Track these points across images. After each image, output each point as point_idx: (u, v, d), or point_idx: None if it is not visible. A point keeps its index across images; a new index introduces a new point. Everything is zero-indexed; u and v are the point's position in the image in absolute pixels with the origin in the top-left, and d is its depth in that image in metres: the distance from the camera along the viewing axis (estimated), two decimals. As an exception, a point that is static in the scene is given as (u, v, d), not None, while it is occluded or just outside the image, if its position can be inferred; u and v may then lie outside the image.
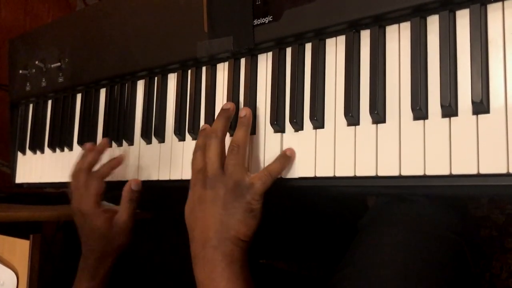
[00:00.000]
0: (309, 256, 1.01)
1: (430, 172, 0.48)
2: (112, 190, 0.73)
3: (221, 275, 0.53)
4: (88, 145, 0.75)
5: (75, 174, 0.72)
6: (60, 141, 0.89)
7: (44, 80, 0.91)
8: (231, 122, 0.62)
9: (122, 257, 0.72)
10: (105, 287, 0.70)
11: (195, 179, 0.58)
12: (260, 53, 0.63)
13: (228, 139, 0.64)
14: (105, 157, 0.75)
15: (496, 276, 0.96)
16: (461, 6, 0.48)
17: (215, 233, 0.54)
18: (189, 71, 0.71)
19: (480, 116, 0.46)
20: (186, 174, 0.69)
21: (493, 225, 0.98)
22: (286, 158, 0.57)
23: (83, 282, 0.69)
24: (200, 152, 0.60)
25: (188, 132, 0.69)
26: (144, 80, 0.77)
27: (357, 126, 0.53)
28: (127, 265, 0.77)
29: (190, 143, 0.69)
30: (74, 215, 0.71)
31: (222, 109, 0.62)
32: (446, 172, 0.47)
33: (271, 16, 0.60)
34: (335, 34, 0.57)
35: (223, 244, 0.54)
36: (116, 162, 0.73)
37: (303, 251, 0.94)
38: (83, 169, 0.71)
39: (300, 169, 0.57)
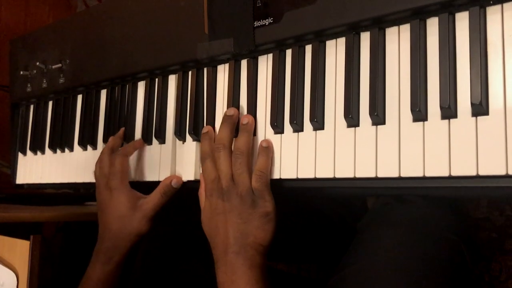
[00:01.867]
0: (309, 257, 1.01)
1: (429, 173, 0.48)
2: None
3: (242, 278, 0.55)
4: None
5: (99, 158, 0.74)
6: (61, 142, 0.89)
7: (45, 81, 0.91)
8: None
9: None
10: (118, 277, 0.70)
11: (211, 190, 0.60)
12: (261, 54, 0.64)
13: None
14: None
15: (495, 278, 0.96)
16: (461, 9, 0.48)
17: (235, 240, 0.57)
18: (190, 73, 0.71)
19: (479, 118, 0.46)
20: (186, 175, 0.69)
21: (492, 227, 0.98)
22: (265, 149, 0.59)
23: (98, 266, 0.69)
24: (209, 160, 0.61)
25: (189, 133, 0.69)
26: (144, 81, 0.77)
27: (357, 128, 0.54)
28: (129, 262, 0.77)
29: (190, 144, 0.70)
30: (100, 194, 0.72)
31: (225, 116, 0.62)
32: (446, 174, 0.47)
33: (272, 18, 0.60)
34: (335, 36, 0.57)
35: (244, 250, 0.56)
36: (139, 142, 0.75)
37: (303, 252, 0.94)
38: (105, 152, 0.73)
39: (300, 170, 0.57)
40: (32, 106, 0.98)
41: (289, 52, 0.61)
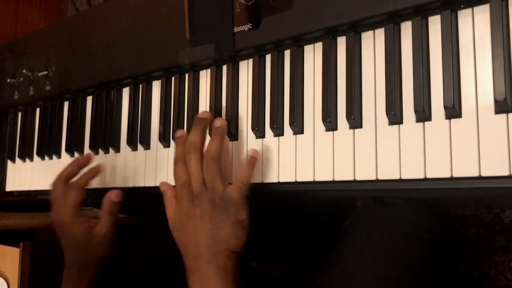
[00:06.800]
0: (300, 258, 1.02)
1: (405, 176, 0.48)
2: (99, 197, 0.74)
3: (215, 287, 0.54)
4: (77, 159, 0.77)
5: (54, 184, 0.73)
6: (49, 149, 0.89)
7: (32, 88, 0.91)
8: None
9: (110, 260, 0.73)
10: None
11: (181, 193, 0.59)
12: (241, 60, 0.64)
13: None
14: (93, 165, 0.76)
15: (484, 275, 0.97)
16: (433, 13, 0.49)
17: (207, 248, 0.56)
18: (173, 78, 0.72)
19: (452, 120, 0.47)
20: (172, 181, 0.69)
21: (480, 224, 0.98)
22: (253, 161, 0.59)
23: (69, 286, 0.71)
24: (181, 164, 0.59)
25: (173, 138, 0.70)
26: (129, 87, 0.77)
27: (335, 131, 0.54)
28: (115, 269, 0.78)
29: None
30: (54, 225, 0.72)
31: (198, 119, 0.61)
32: (421, 176, 0.47)
33: (251, 24, 0.61)
34: (312, 41, 0.57)
35: (216, 258, 0.55)
36: (95, 171, 0.74)
37: (295, 253, 0.95)
38: (60, 179, 0.72)
39: (281, 174, 0.58)
40: (20, 114, 0.98)
41: (268, 57, 0.61)
